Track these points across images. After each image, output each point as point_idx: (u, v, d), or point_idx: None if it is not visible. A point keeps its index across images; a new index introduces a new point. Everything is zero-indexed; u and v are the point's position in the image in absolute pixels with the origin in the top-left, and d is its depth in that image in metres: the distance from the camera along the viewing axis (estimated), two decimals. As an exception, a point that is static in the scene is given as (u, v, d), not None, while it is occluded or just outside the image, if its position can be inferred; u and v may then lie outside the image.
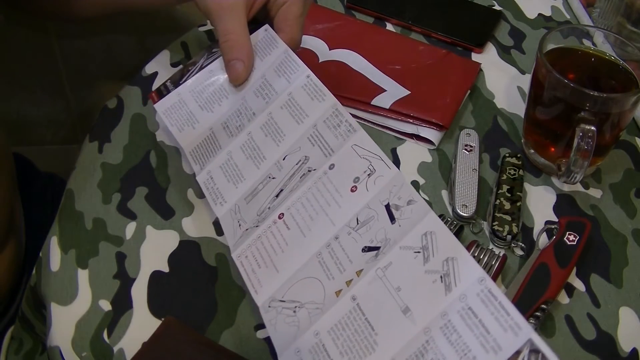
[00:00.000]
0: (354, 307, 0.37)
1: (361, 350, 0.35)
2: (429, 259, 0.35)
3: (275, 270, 0.43)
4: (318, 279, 0.40)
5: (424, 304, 0.34)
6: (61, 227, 0.56)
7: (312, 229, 0.42)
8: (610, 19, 0.73)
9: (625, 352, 0.50)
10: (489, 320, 0.32)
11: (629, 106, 0.54)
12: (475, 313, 0.33)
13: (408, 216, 0.38)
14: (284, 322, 0.41)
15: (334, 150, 0.44)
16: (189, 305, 0.51)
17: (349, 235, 0.40)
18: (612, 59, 0.59)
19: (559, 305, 0.52)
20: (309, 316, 0.39)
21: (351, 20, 0.75)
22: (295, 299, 0.41)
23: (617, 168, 0.62)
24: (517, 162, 0.60)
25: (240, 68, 0.51)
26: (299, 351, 0.38)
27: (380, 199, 0.40)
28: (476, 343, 0.32)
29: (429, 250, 0.36)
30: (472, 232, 0.56)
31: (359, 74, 0.68)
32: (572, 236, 0.53)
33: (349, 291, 0.38)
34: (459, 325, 0.33)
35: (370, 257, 0.38)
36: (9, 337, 0.62)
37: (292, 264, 0.42)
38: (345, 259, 0.40)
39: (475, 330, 0.32)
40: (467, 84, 0.67)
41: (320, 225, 0.42)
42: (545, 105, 0.58)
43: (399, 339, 0.34)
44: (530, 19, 0.77)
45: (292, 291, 0.41)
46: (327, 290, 0.39)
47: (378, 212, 0.39)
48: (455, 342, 0.33)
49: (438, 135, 0.63)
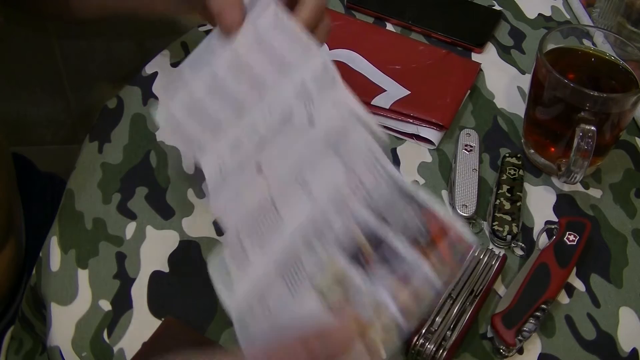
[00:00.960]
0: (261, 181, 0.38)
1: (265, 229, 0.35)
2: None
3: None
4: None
5: (325, 185, 0.34)
6: (61, 227, 0.56)
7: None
8: (610, 19, 0.73)
9: (625, 352, 0.50)
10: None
11: (629, 106, 0.54)
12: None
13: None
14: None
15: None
16: (189, 305, 0.51)
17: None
18: (612, 59, 0.59)
19: (559, 305, 0.52)
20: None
21: (351, 20, 0.75)
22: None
23: (617, 168, 0.62)
24: (517, 162, 0.60)
25: (229, 16, 0.46)
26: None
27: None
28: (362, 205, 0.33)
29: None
30: (472, 232, 0.56)
31: (359, 74, 0.68)
32: (572, 236, 0.53)
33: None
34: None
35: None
36: (9, 337, 0.62)
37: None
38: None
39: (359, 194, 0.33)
40: (467, 84, 0.67)
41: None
42: (545, 105, 0.58)
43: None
44: (530, 19, 0.77)
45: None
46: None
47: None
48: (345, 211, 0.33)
49: (438, 135, 0.63)
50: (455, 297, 0.49)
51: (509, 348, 0.48)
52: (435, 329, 0.48)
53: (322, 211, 0.34)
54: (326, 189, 0.34)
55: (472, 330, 0.49)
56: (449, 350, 0.47)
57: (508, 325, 0.48)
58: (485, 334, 0.50)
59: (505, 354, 0.48)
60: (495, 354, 0.49)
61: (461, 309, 0.49)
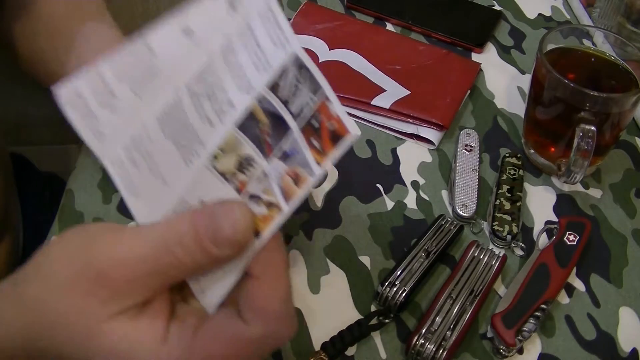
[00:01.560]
0: (145, 50, 0.33)
1: (142, 77, 0.32)
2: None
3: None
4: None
5: (207, 23, 0.32)
6: (61, 227, 0.56)
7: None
8: (610, 19, 0.73)
9: (625, 352, 0.50)
10: (264, 38, 0.31)
11: (629, 106, 0.54)
12: (253, 31, 0.31)
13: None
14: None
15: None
16: (189, 305, 0.51)
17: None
18: (612, 59, 0.59)
19: (559, 305, 0.52)
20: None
21: (351, 20, 0.75)
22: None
23: (617, 168, 0.62)
24: (517, 162, 0.60)
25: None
26: (78, 91, 0.34)
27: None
28: (249, 62, 0.31)
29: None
30: (472, 232, 0.56)
31: (359, 74, 0.68)
32: (572, 236, 0.53)
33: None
34: (237, 47, 0.31)
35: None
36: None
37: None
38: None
39: (250, 48, 0.31)
40: (467, 84, 0.67)
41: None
42: (545, 105, 0.58)
43: (186, 67, 0.32)
44: (530, 19, 0.77)
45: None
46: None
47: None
48: (231, 63, 0.32)
49: (438, 135, 0.63)
50: (455, 297, 0.49)
51: (509, 348, 0.48)
52: (435, 329, 0.48)
53: (211, 64, 0.32)
54: (218, 40, 0.31)
55: (472, 330, 0.49)
56: (449, 350, 0.47)
57: (508, 325, 0.48)
58: (485, 334, 0.50)
59: (505, 354, 0.48)
60: (495, 354, 0.49)
61: (461, 309, 0.49)
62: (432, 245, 0.53)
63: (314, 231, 0.56)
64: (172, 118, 0.33)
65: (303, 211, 0.57)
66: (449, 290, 0.50)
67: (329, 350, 0.47)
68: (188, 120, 0.33)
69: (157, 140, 0.33)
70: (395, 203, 0.58)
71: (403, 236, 0.56)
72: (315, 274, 0.53)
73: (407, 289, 0.50)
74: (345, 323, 0.49)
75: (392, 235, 0.56)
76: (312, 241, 0.55)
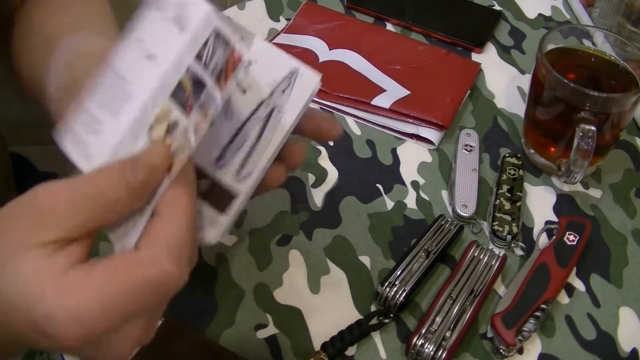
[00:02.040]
0: (107, 68, 0.38)
1: (117, 101, 0.36)
2: (165, 7, 0.36)
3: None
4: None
5: (164, 47, 0.36)
6: (61, 227, 0.55)
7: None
8: (610, 19, 0.73)
9: (625, 352, 0.50)
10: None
11: (629, 106, 0.54)
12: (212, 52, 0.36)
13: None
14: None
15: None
16: (189, 305, 0.51)
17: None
18: (612, 59, 0.59)
19: (559, 305, 0.52)
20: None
21: (351, 20, 0.75)
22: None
23: (617, 168, 0.62)
24: (517, 162, 0.60)
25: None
26: (68, 125, 0.39)
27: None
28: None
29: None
30: (472, 232, 0.56)
31: (359, 74, 0.68)
32: (572, 236, 0.54)
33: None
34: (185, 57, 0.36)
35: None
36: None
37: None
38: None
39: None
40: (467, 84, 0.67)
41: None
42: (545, 105, 0.58)
43: (149, 83, 0.36)
44: (530, 19, 0.77)
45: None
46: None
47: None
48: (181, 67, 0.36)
49: (438, 135, 0.63)
50: (455, 297, 0.49)
51: (509, 348, 0.48)
52: (435, 329, 0.48)
53: (166, 75, 0.35)
54: (170, 56, 0.35)
55: (472, 330, 0.49)
56: (449, 350, 0.47)
57: (508, 325, 0.48)
58: (485, 334, 0.50)
59: (505, 354, 0.48)
60: (495, 354, 0.49)
61: (461, 309, 0.49)
62: (432, 245, 0.53)
63: (314, 231, 0.56)
64: (140, 123, 0.36)
65: (303, 211, 0.57)
66: (449, 290, 0.50)
67: (329, 350, 0.47)
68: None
69: (128, 142, 0.36)
70: (395, 203, 0.58)
71: (403, 236, 0.56)
72: (315, 274, 0.53)
73: (407, 289, 0.50)
74: (345, 323, 0.49)
75: (392, 235, 0.56)
76: (312, 241, 0.55)
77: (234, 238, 0.55)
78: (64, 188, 0.33)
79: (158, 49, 0.36)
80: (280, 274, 0.53)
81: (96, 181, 0.33)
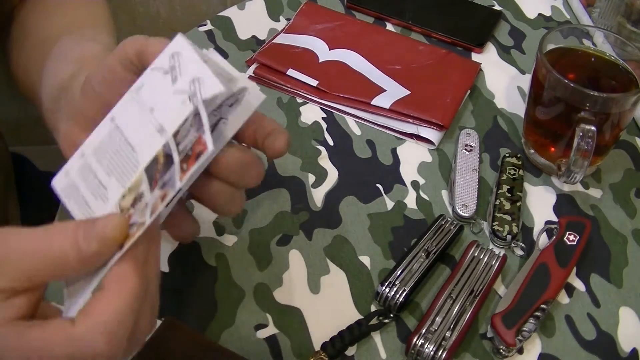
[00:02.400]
0: (113, 127, 0.38)
1: (124, 168, 0.37)
2: (177, 79, 0.36)
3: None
4: None
5: (176, 122, 0.36)
6: (61, 227, 0.55)
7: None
8: (610, 19, 0.73)
9: (625, 352, 0.50)
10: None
11: (629, 106, 0.54)
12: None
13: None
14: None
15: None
16: (189, 305, 0.51)
17: None
18: (612, 59, 0.59)
19: (559, 305, 0.52)
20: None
21: (351, 20, 0.75)
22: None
23: (617, 168, 0.62)
24: (517, 162, 0.60)
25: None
26: (68, 173, 0.40)
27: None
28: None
29: (176, 70, 0.37)
30: (472, 232, 0.56)
31: (359, 74, 0.68)
32: (572, 236, 0.54)
33: (108, 113, 0.39)
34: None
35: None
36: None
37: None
38: None
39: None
40: (467, 84, 0.67)
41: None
42: (545, 105, 0.58)
43: (152, 154, 0.36)
44: (530, 19, 0.77)
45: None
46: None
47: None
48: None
49: (438, 135, 0.63)
50: (455, 297, 0.49)
51: (509, 348, 0.48)
52: (435, 329, 0.48)
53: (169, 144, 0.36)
54: (174, 124, 0.36)
55: (472, 330, 0.49)
56: (449, 350, 0.47)
57: (508, 325, 0.48)
58: (485, 334, 0.50)
59: (505, 354, 0.48)
60: (495, 354, 0.49)
61: (461, 309, 0.49)
62: (432, 245, 0.53)
63: (314, 231, 0.56)
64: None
65: (303, 211, 0.57)
66: (449, 290, 0.50)
67: (329, 350, 0.47)
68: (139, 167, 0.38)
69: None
70: (395, 203, 0.58)
71: (403, 236, 0.56)
72: (315, 274, 0.53)
73: (407, 289, 0.50)
74: (345, 323, 0.49)
75: (392, 235, 0.56)
76: (312, 241, 0.55)
77: (234, 238, 0.55)
78: (17, 237, 0.33)
79: (165, 120, 0.36)
80: (280, 274, 0.53)
81: (49, 237, 0.33)
